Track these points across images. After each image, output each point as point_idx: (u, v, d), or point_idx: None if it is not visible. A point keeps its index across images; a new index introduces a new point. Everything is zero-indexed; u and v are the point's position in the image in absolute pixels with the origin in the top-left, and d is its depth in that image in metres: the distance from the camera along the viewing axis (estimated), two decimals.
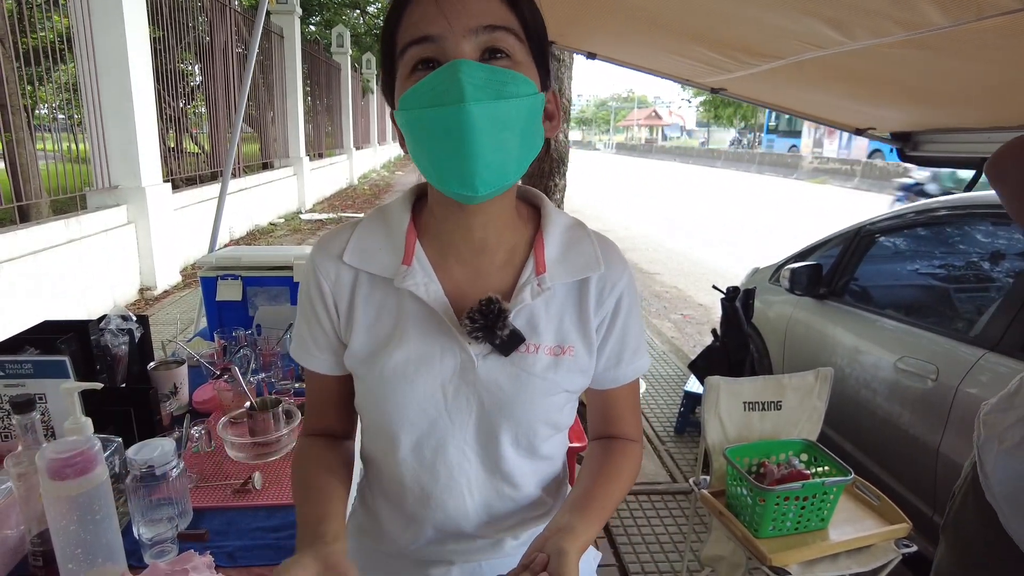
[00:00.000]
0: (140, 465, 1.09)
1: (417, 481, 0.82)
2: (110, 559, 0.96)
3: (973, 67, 1.41)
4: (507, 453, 0.81)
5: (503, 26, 0.68)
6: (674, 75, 2.56)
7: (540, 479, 0.86)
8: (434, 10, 0.67)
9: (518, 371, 0.78)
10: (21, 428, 0.99)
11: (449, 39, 0.66)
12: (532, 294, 0.77)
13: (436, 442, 0.80)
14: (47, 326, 1.53)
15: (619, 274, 0.83)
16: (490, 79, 0.66)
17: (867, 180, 19.88)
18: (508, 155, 0.69)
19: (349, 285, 0.81)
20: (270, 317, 2.09)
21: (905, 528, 1.81)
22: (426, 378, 0.77)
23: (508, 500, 0.84)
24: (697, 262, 8.61)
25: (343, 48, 16.79)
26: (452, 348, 0.77)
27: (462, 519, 0.83)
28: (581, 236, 0.83)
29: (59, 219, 4.99)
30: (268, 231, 9.73)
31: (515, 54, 0.69)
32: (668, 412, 3.74)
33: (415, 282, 0.77)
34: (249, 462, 1.38)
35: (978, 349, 2.05)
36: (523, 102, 0.68)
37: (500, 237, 0.80)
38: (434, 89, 0.66)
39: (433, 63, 0.68)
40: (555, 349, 0.79)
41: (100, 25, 5.59)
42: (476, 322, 0.74)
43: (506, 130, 0.67)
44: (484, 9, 0.67)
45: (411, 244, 0.80)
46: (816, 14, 1.27)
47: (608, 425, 0.91)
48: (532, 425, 0.79)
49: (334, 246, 0.82)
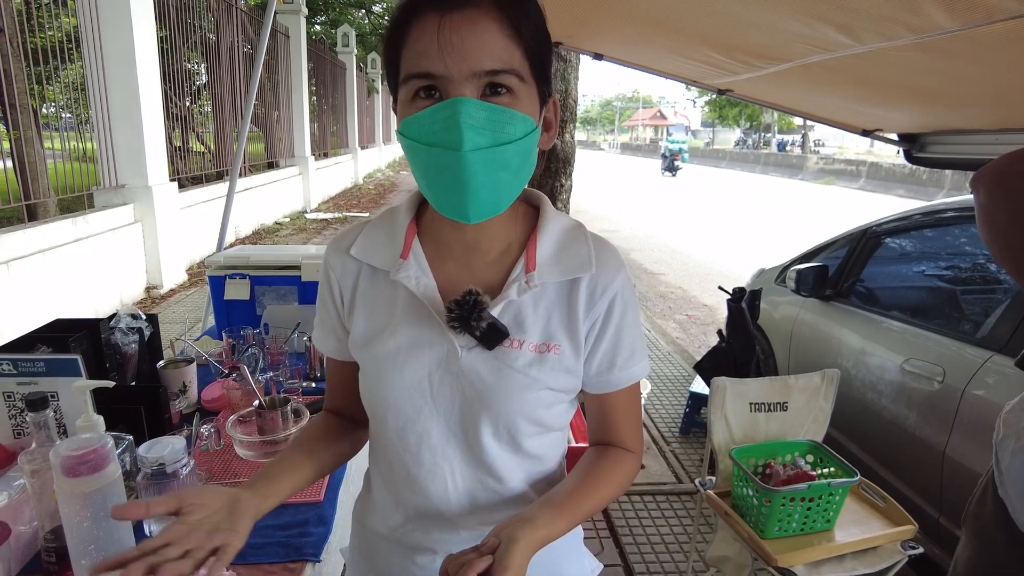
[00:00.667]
0: (151, 463, 1.09)
1: (403, 464, 0.85)
2: None
3: (982, 70, 1.41)
4: (488, 444, 0.82)
5: (506, 69, 0.69)
6: (681, 76, 2.56)
7: (527, 476, 0.86)
8: (435, 48, 0.67)
9: (500, 365, 0.79)
10: (35, 425, 1.00)
11: (452, 79, 0.67)
12: (519, 291, 0.79)
13: (421, 428, 0.82)
14: (59, 324, 1.55)
15: (612, 276, 0.83)
16: (489, 119, 0.67)
17: (873, 181, 19.83)
18: (502, 191, 0.73)
19: (353, 277, 0.87)
20: (278, 316, 2.10)
21: (911, 530, 1.81)
22: (414, 366, 0.80)
23: (492, 493, 0.85)
24: (702, 263, 8.61)
25: (348, 48, 16.81)
26: (439, 340, 0.80)
27: (444, 506, 0.84)
28: (577, 237, 0.84)
29: (66, 218, 5.03)
30: (273, 230, 9.76)
31: (516, 89, 0.70)
32: (673, 413, 3.74)
33: (408, 275, 0.81)
34: (258, 460, 1.39)
35: (985, 351, 2.05)
36: (519, 145, 0.70)
37: (494, 237, 0.83)
38: (434, 125, 0.68)
39: (435, 92, 0.69)
40: (540, 346, 0.80)
41: (108, 25, 5.62)
42: (453, 312, 0.77)
43: (502, 171, 0.70)
44: (486, 52, 0.67)
45: (410, 240, 0.84)
46: (825, 18, 1.27)
47: (604, 432, 0.90)
48: (511, 419, 0.80)
49: (345, 241, 0.88)
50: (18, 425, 1.24)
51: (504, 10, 0.69)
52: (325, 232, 9.93)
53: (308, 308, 2.13)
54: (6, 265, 4.25)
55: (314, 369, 1.89)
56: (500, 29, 0.68)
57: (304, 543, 1.13)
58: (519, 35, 0.70)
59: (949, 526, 2.03)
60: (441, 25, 0.67)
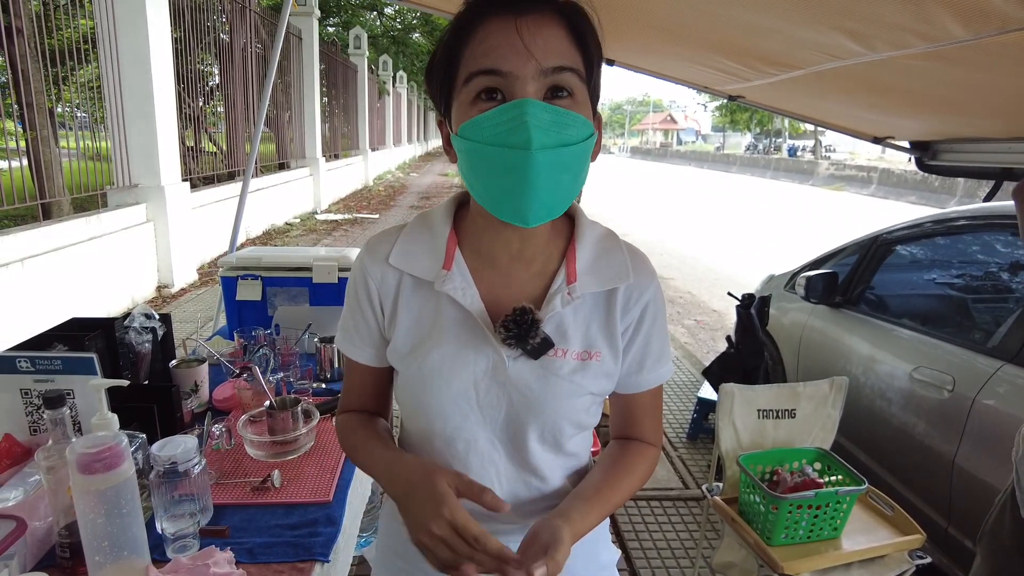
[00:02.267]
0: (164, 461, 1.11)
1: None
2: (135, 552, 0.98)
3: (995, 79, 1.40)
4: (534, 448, 0.85)
5: (571, 67, 0.70)
6: (692, 82, 2.56)
7: (566, 472, 0.90)
8: (507, 45, 0.68)
9: (546, 373, 0.82)
10: (51, 422, 1.01)
11: (520, 77, 0.68)
12: (562, 303, 0.81)
13: (468, 435, 0.84)
14: (74, 323, 1.57)
15: (647, 284, 0.86)
16: (554, 121, 0.68)
17: (884, 187, 19.70)
18: (562, 194, 0.73)
19: (394, 286, 0.86)
20: (289, 317, 2.11)
21: (919, 539, 1.80)
22: (460, 376, 0.82)
23: (535, 491, 0.88)
24: (711, 268, 8.58)
25: (360, 50, 16.89)
26: (485, 350, 0.82)
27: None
28: (612, 247, 0.87)
29: (80, 216, 5.08)
30: (284, 231, 9.81)
31: (576, 93, 0.72)
32: (681, 418, 3.73)
33: (454, 287, 0.82)
34: (268, 460, 1.40)
35: (996, 360, 2.03)
36: (580, 147, 0.72)
37: (537, 247, 0.84)
38: (499, 126, 0.68)
39: (498, 94, 0.70)
40: (582, 354, 0.83)
41: (123, 26, 5.68)
42: (510, 330, 0.78)
43: (564, 173, 0.71)
44: (557, 49, 0.69)
45: (451, 250, 0.84)
46: (837, 27, 1.28)
47: (628, 428, 0.94)
48: (557, 423, 0.83)
49: (381, 249, 0.87)
50: (34, 422, 1.25)
51: (570, 18, 0.72)
52: (335, 233, 9.97)
53: (319, 310, 2.15)
54: (21, 263, 4.30)
55: (324, 370, 1.91)
56: (567, 34, 0.71)
57: (313, 543, 1.14)
58: (582, 43, 0.72)
59: (958, 536, 2.02)
60: (514, 25, 0.69)
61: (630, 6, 1.54)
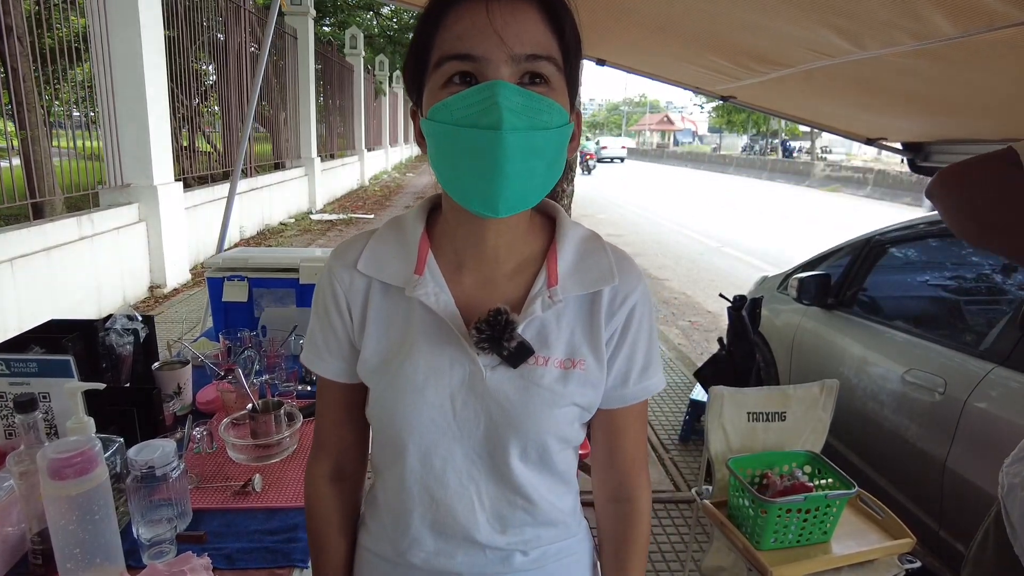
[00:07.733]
0: (141, 466, 1.09)
1: (426, 489, 0.81)
2: (108, 559, 0.96)
3: (984, 78, 1.40)
4: (516, 465, 0.79)
5: (545, 55, 0.68)
6: (683, 82, 2.55)
7: (552, 491, 0.84)
8: (479, 29, 0.66)
9: (527, 383, 0.77)
10: (23, 427, 0.99)
11: (492, 61, 0.66)
12: (543, 306, 0.77)
13: (445, 451, 0.79)
14: (53, 325, 1.55)
15: (633, 287, 0.81)
16: (527, 105, 0.66)
17: (880, 188, 19.74)
18: (533, 182, 0.69)
19: (363, 293, 0.81)
20: (276, 319, 2.09)
21: (909, 543, 1.79)
22: (435, 388, 0.77)
23: (521, 512, 0.82)
24: (707, 268, 8.58)
25: (356, 49, 16.87)
26: (461, 359, 0.77)
27: (472, 528, 0.81)
28: (596, 248, 0.82)
29: (72, 216, 5.05)
30: (278, 231, 9.79)
31: (552, 81, 0.69)
32: (673, 420, 3.72)
33: (426, 291, 0.77)
34: (250, 464, 1.38)
35: (987, 363, 2.03)
36: (555, 133, 0.69)
37: (512, 247, 0.80)
38: (470, 108, 0.66)
39: (470, 78, 0.68)
40: (565, 362, 0.78)
41: (116, 25, 5.64)
42: (483, 332, 0.73)
43: (536, 158, 0.68)
44: (531, 36, 0.67)
45: (423, 254, 0.80)
46: (826, 23, 1.27)
47: (611, 452, 0.88)
48: (541, 438, 0.78)
49: (350, 254, 0.82)
50: (9, 426, 1.24)
51: (547, 5, 0.69)
52: (330, 233, 9.95)
53: (306, 311, 2.12)
54: (10, 263, 4.27)
55: (309, 373, 1.89)
56: (543, 20, 0.68)
57: (292, 548, 1.12)
58: (560, 31, 0.70)
59: (949, 539, 2.01)
60: (485, 9, 0.66)
61: (618, 3, 1.53)
